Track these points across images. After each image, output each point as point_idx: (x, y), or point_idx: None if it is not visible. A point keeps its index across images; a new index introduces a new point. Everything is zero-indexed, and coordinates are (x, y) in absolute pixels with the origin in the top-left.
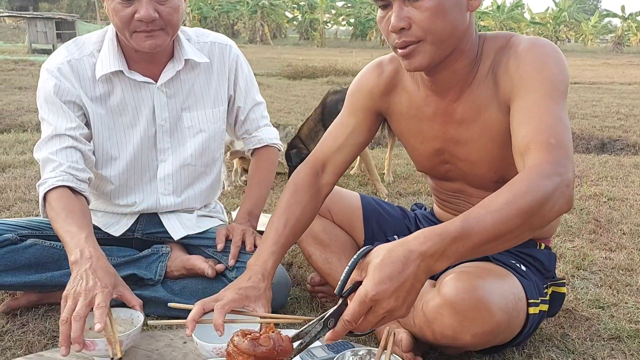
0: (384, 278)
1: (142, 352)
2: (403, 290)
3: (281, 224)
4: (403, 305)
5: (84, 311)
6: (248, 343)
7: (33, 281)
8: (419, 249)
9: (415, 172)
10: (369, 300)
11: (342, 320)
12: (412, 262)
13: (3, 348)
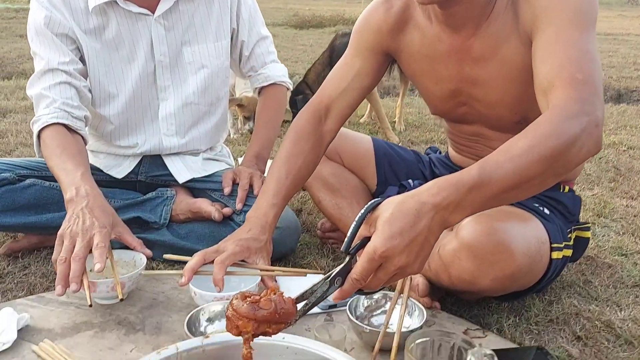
0: (394, 233)
1: (147, 295)
2: (415, 245)
3: (282, 175)
4: (416, 261)
5: (83, 252)
6: (248, 306)
7: (33, 222)
8: (432, 200)
9: (428, 120)
10: (379, 257)
11: (350, 279)
12: (425, 215)
13: (4, 290)
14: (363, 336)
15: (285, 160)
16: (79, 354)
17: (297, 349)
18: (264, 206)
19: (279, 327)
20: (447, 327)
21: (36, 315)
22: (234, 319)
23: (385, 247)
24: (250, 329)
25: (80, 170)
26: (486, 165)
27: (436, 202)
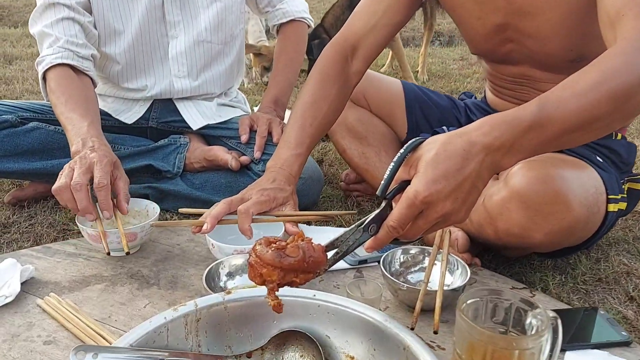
0: (438, 176)
1: (162, 247)
2: (462, 191)
3: (306, 122)
4: (461, 209)
5: (82, 178)
6: (273, 253)
7: (38, 169)
8: (483, 140)
9: (452, 70)
10: (420, 202)
11: (386, 226)
12: (474, 157)
13: (9, 240)
14: (399, 294)
15: (309, 105)
16: (87, 309)
17: (330, 307)
18: (288, 156)
19: (307, 276)
20: (490, 285)
21: (41, 267)
22: (257, 267)
23: (429, 191)
24: (275, 278)
25: (86, 120)
26: (547, 101)
27: (487, 142)
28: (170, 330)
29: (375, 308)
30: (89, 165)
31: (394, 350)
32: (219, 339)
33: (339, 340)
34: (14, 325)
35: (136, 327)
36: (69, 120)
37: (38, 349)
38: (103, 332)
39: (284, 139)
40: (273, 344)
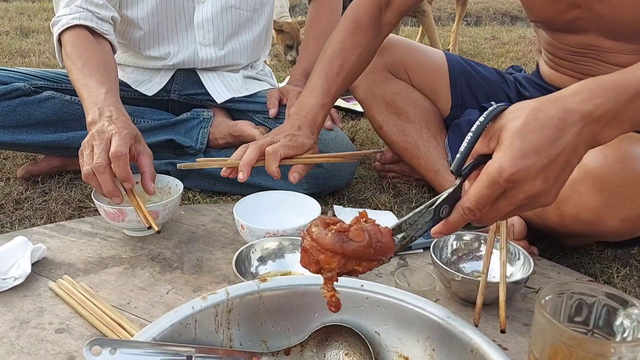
0: (527, 149)
1: (185, 228)
2: (555, 167)
3: (333, 70)
4: (552, 189)
5: (104, 158)
6: (334, 237)
7: (53, 141)
8: (582, 108)
9: (484, 49)
10: (504, 180)
11: (461, 208)
12: (571, 128)
13: (21, 217)
14: (452, 285)
15: (338, 53)
16: (104, 294)
17: (381, 300)
18: (313, 105)
19: (371, 265)
20: (552, 277)
21: (55, 247)
22: (313, 252)
23: (516, 167)
24: (335, 266)
25: (104, 88)
26: None
27: (587, 110)
28: (198, 322)
29: (429, 300)
30: (108, 139)
31: (459, 352)
32: (253, 333)
33: (390, 337)
34: (23, 310)
35: (160, 318)
36: (85, 87)
37: (49, 337)
38: (122, 320)
39: (309, 86)
40: (314, 340)
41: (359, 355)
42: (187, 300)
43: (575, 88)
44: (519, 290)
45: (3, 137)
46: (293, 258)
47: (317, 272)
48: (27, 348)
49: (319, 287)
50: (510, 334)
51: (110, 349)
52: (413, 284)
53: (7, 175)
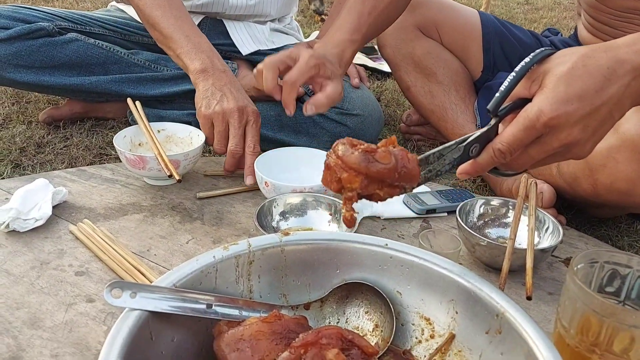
0: (571, 95)
1: (207, 179)
2: (596, 117)
3: (365, 10)
4: (588, 141)
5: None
6: (360, 155)
7: (75, 84)
8: (635, 59)
9: (517, 14)
10: (542, 125)
11: (492, 149)
12: (620, 78)
13: (42, 161)
14: (476, 250)
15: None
16: (124, 240)
17: (405, 260)
18: (341, 40)
19: (393, 191)
20: (579, 247)
21: (75, 191)
22: (337, 169)
23: (556, 112)
24: (357, 186)
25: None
26: None
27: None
28: (219, 271)
29: (454, 262)
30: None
31: (483, 316)
32: (274, 286)
33: (412, 298)
34: (43, 251)
35: (181, 265)
36: (176, 28)
37: (69, 279)
38: (141, 266)
39: (337, 23)
40: (334, 296)
41: (379, 314)
42: (207, 250)
43: (630, 38)
44: (545, 258)
45: (26, 77)
46: (315, 214)
47: (338, 191)
48: (47, 288)
49: (341, 242)
50: (534, 302)
51: (130, 292)
52: (436, 247)
53: (29, 118)
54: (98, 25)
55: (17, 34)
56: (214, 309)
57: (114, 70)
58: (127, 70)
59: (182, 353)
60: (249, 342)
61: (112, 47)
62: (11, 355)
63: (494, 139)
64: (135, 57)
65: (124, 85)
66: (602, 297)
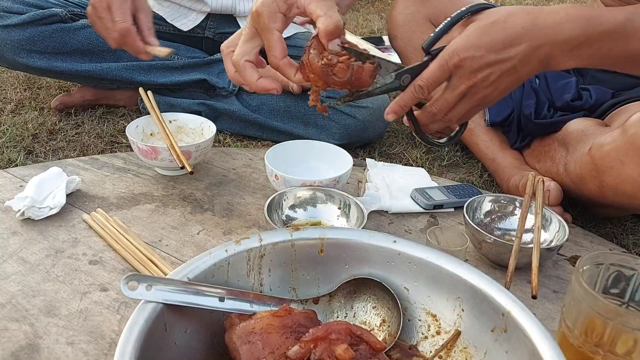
0: (482, 43)
1: (216, 170)
2: (500, 68)
3: None
4: (493, 91)
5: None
6: (322, 67)
7: (87, 71)
8: (550, 27)
9: (528, 4)
10: (453, 64)
11: (413, 85)
12: (530, 40)
13: (55, 148)
14: (482, 247)
15: None
16: (136, 230)
17: (413, 257)
18: None
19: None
20: (584, 245)
21: (88, 180)
22: (306, 69)
23: (464, 54)
24: (320, 86)
25: None
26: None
27: (553, 31)
28: (231, 264)
29: (459, 259)
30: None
31: (489, 314)
32: (284, 280)
33: (419, 294)
34: (58, 239)
35: (195, 258)
36: None
37: (83, 268)
38: (153, 257)
39: None
40: (343, 291)
41: (386, 309)
42: (218, 241)
43: (553, 7)
44: (551, 256)
45: (39, 63)
46: (325, 208)
47: (307, 81)
48: (62, 277)
49: (350, 238)
50: (538, 300)
51: (146, 285)
52: (444, 243)
53: (40, 105)
54: None
55: (31, 19)
56: (225, 302)
57: (124, 57)
58: (137, 58)
59: (194, 344)
60: (260, 335)
61: None
62: (28, 342)
63: (417, 76)
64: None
65: (134, 72)
66: (607, 300)
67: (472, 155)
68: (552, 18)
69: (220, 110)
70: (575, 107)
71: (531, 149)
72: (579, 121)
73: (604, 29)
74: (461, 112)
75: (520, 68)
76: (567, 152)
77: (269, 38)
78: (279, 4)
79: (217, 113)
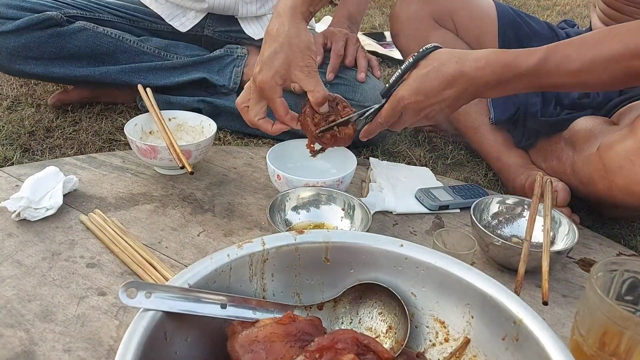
0: (421, 90)
1: (217, 169)
2: (437, 107)
3: None
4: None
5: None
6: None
7: (85, 75)
8: (473, 74)
9: (529, 1)
10: (401, 106)
11: (376, 120)
12: (459, 85)
13: (52, 146)
14: (490, 249)
15: None
16: (135, 232)
17: (420, 262)
18: None
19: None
20: (593, 247)
21: (86, 179)
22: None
23: (409, 100)
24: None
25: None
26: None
27: (476, 76)
28: (233, 269)
29: (466, 263)
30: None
31: (500, 322)
32: (287, 285)
33: (427, 300)
34: (54, 242)
35: (195, 264)
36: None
37: (80, 271)
38: (153, 259)
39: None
40: (348, 297)
41: (393, 315)
42: (218, 243)
43: (478, 54)
44: (560, 260)
45: (36, 69)
46: (328, 210)
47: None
48: (58, 280)
49: (355, 242)
50: (548, 305)
51: (145, 292)
52: (451, 247)
53: (37, 101)
54: (106, 12)
55: (26, 25)
56: (227, 310)
57: (123, 59)
58: (136, 60)
59: (195, 353)
60: (263, 344)
61: (121, 34)
62: (23, 349)
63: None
64: (144, 45)
65: (133, 75)
66: (622, 307)
67: (476, 154)
68: (476, 65)
69: (220, 107)
70: (582, 104)
71: (537, 148)
72: (586, 119)
73: (520, 72)
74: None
75: (454, 103)
76: (574, 152)
77: (273, 104)
78: (277, 80)
79: (218, 110)
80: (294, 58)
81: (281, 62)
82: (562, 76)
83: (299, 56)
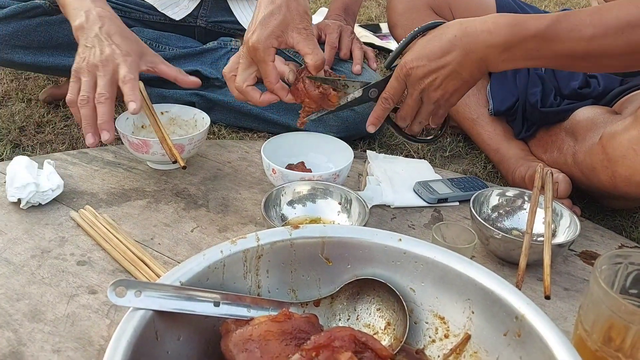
0: (422, 54)
1: (210, 164)
2: (440, 73)
3: None
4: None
5: (108, 89)
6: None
7: None
8: (479, 33)
9: None
10: (404, 74)
11: (381, 98)
12: (461, 46)
13: (43, 141)
14: (490, 242)
15: None
16: (127, 228)
17: (419, 256)
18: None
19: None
20: (594, 239)
21: (77, 175)
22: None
23: (410, 64)
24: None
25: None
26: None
27: (482, 36)
28: (226, 266)
29: (466, 257)
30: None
31: (501, 317)
32: (283, 281)
33: (426, 295)
34: (44, 239)
35: (187, 261)
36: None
37: (70, 269)
38: (145, 257)
39: None
40: (345, 293)
41: (391, 311)
42: (212, 239)
43: (486, 17)
44: (562, 252)
45: (24, 58)
46: (324, 204)
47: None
48: (48, 279)
49: (353, 236)
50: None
51: (135, 290)
52: (450, 240)
53: (28, 96)
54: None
55: (13, 13)
56: (221, 307)
57: None
58: None
59: (188, 352)
60: (258, 343)
61: None
62: (11, 350)
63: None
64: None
65: None
66: (628, 301)
67: (475, 145)
68: (481, 26)
69: (214, 101)
70: (582, 94)
71: (537, 139)
72: (587, 109)
73: (529, 33)
74: (425, 114)
75: (461, 71)
76: (575, 142)
77: (265, 68)
78: (272, 41)
79: (211, 104)
80: (292, 20)
81: (278, 22)
82: (575, 41)
83: (297, 18)
